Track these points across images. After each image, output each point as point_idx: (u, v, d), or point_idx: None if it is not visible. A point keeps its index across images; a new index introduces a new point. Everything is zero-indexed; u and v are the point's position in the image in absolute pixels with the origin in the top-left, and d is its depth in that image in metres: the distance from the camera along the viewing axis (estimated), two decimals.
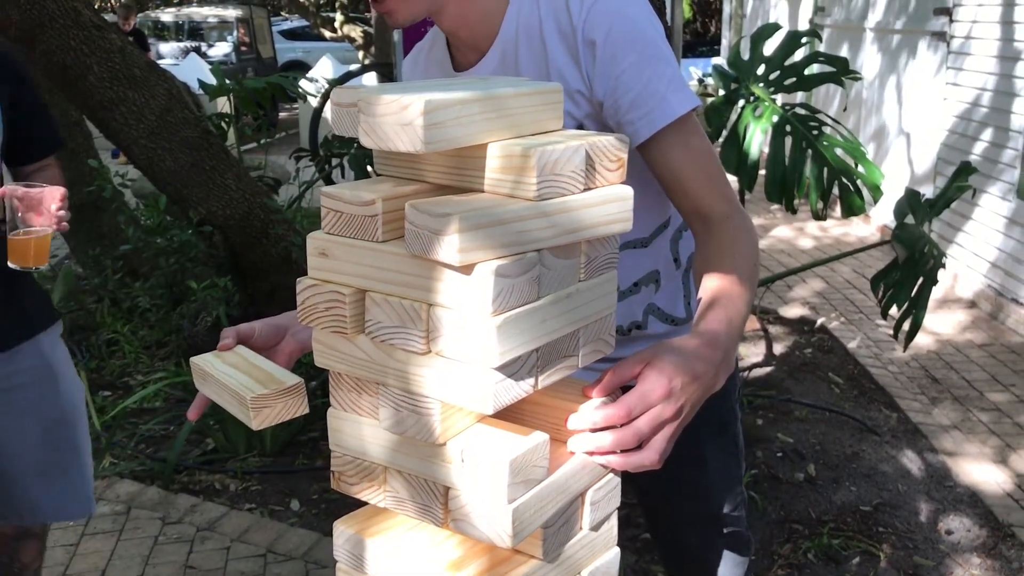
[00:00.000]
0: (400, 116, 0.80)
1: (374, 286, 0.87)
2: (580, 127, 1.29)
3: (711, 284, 1.14)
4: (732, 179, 2.15)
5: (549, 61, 1.26)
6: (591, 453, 0.93)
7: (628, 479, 1.71)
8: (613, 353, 1.03)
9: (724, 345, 1.04)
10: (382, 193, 0.87)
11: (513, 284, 0.82)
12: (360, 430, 0.94)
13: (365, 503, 0.98)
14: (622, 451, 0.93)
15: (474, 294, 0.81)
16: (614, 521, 1.01)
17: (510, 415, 0.96)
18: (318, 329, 0.92)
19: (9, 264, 1.78)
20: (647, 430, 0.93)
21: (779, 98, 3.19)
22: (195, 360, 1.18)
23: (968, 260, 5.29)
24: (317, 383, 3.49)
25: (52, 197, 1.78)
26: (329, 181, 5.16)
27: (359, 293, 0.88)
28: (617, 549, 1.02)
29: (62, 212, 1.80)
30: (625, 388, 0.97)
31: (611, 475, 0.98)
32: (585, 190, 0.90)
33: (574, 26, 1.23)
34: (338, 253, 0.89)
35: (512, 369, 0.85)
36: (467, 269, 0.81)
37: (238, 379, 1.10)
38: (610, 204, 0.92)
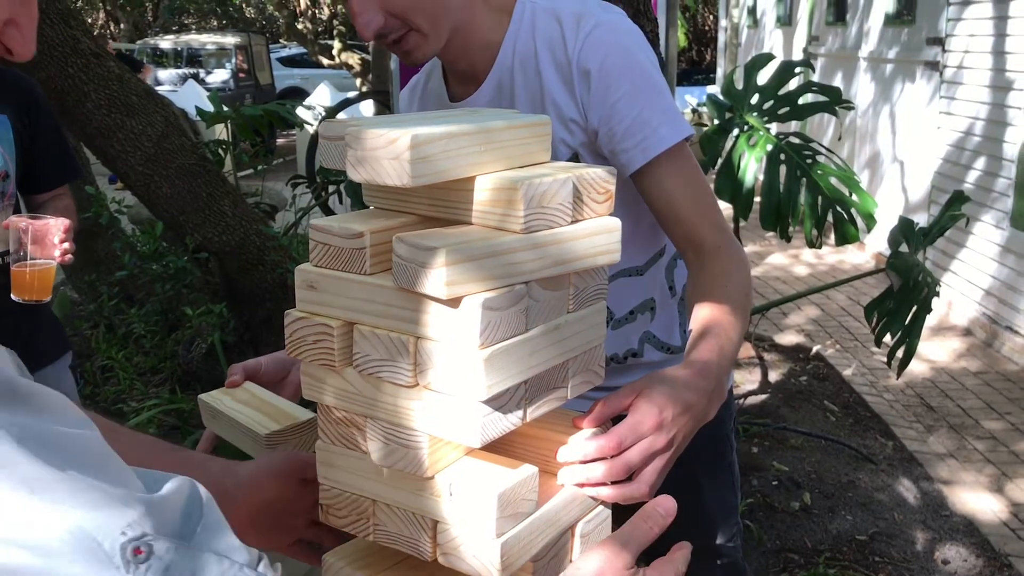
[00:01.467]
0: (388, 150, 0.80)
1: (362, 319, 0.87)
2: (575, 156, 1.30)
3: (703, 313, 1.14)
4: (726, 207, 2.17)
5: (544, 91, 1.28)
6: (581, 485, 0.93)
7: (623, 509, 1.68)
8: (608, 382, 1.02)
9: (716, 374, 1.04)
10: (370, 226, 0.87)
11: (501, 317, 0.82)
12: (348, 463, 0.94)
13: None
14: (612, 483, 0.93)
15: (461, 327, 0.81)
16: None
17: (500, 447, 0.95)
18: (306, 362, 0.92)
19: (12, 297, 1.77)
20: (638, 461, 0.92)
21: (773, 127, 3.21)
22: (203, 398, 1.17)
23: (962, 288, 5.30)
24: (312, 409, 3.48)
25: (56, 229, 1.77)
26: (326, 208, 5.17)
27: (347, 326, 0.88)
28: None
29: (66, 245, 1.78)
30: (617, 419, 0.97)
31: (601, 507, 0.97)
32: (573, 222, 0.90)
33: (569, 56, 1.24)
34: (326, 286, 0.89)
35: (500, 402, 0.84)
36: (454, 302, 0.80)
37: (250, 416, 1.10)
38: (598, 236, 0.92)
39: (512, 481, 0.85)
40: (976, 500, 3.35)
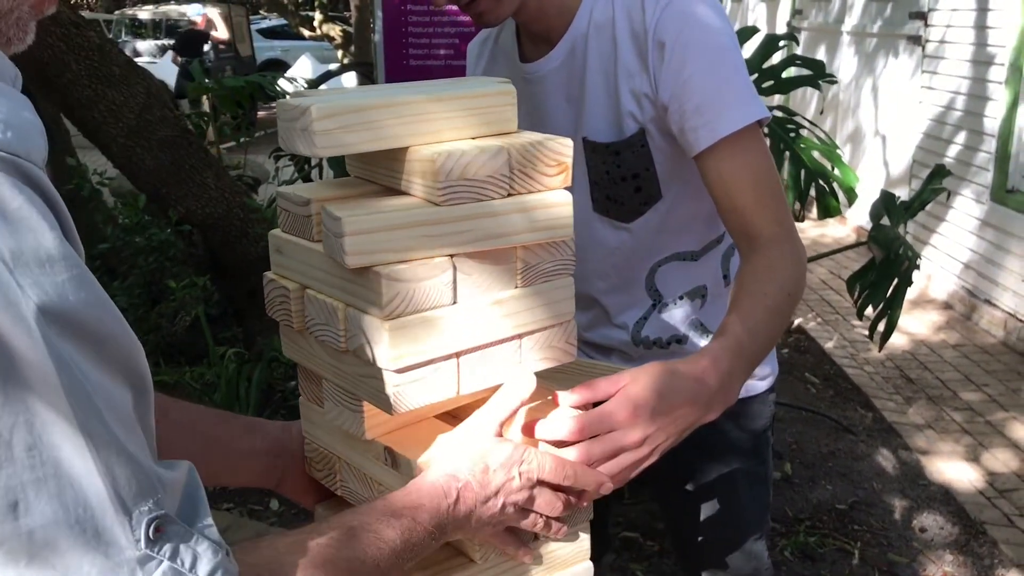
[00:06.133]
0: (299, 122, 0.81)
1: (310, 283, 0.89)
2: (642, 132, 1.26)
3: (734, 309, 1.09)
4: None
5: (618, 60, 1.24)
6: None
7: (657, 500, 1.66)
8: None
9: (722, 377, 0.99)
10: (318, 194, 0.88)
11: (415, 288, 0.81)
12: (319, 420, 0.97)
13: None
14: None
15: (370, 297, 0.81)
16: (585, 535, 0.98)
17: (467, 416, 0.96)
18: (280, 323, 0.95)
19: None
20: (599, 454, 0.89)
21: None
22: None
23: (942, 261, 5.35)
24: (297, 382, 3.48)
25: None
26: (308, 180, 5.15)
27: (302, 290, 0.90)
28: (589, 564, 0.99)
29: None
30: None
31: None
32: (510, 195, 0.87)
33: (646, 26, 1.20)
34: (288, 251, 0.92)
35: (421, 373, 0.84)
36: (364, 272, 0.81)
37: None
38: (540, 210, 0.88)
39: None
40: (953, 469, 3.40)
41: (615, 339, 1.46)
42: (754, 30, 3.40)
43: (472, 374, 0.88)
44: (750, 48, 3.35)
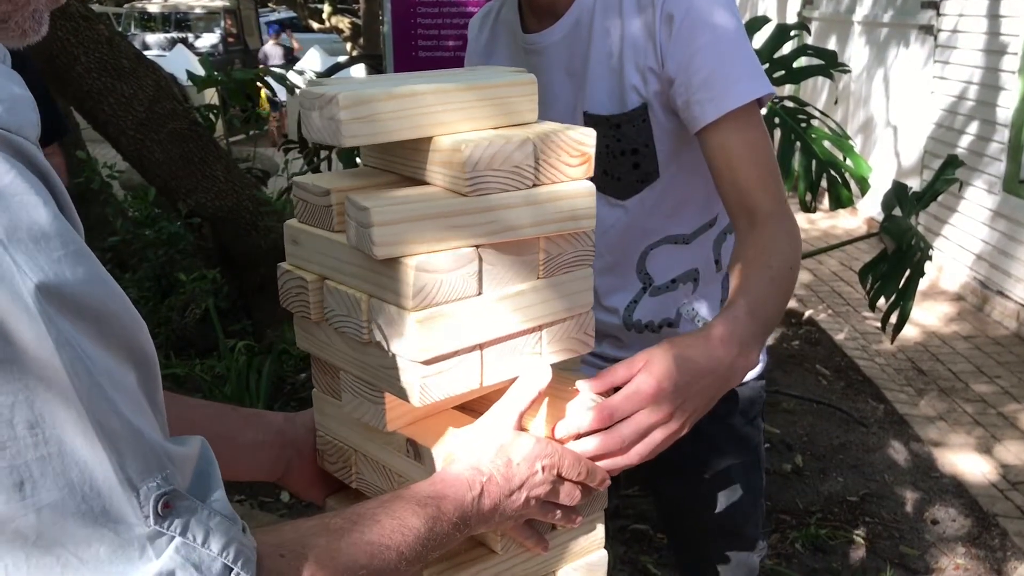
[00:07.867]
0: (325, 110, 0.80)
1: (330, 274, 0.88)
2: (645, 105, 1.27)
3: (739, 280, 1.10)
4: None
5: (624, 34, 1.24)
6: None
7: (651, 490, 1.65)
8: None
9: (739, 342, 0.99)
10: (338, 184, 0.87)
11: (441, 280, 0.81)
12: (334, 412, 0.96)
13: None
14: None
15: (397, 288, 0.80)
16: (600, 524, 0.98)
17: (488, 407, 0.95)
18: (295, 314, 0.94)
19: None
20: (630, 434, 0.90)
21: None
22: None
23: (954, 252, 5.33)
24: (307, 375, 3.49)
25: None
26: (318, 173, 5.15)
27: (320, 281, 0.89)
28: (604, 552, 0.99)
29: None
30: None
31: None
32: (535, 185, 0.86)
33: (654, 0, 1.21)
34: (305, 241, 0.90)
35: (447, 364, 0.83)
36: (391, 262, 0.80)
37: None
38: (564, 200, 0.87)
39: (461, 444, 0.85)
40: (965, 461, 3.39)
41: (607, 323, 1.45)
42: (765, 20, 3.38)
43: (495, 365, 0.87)
44: (761, 38, 3.33)
